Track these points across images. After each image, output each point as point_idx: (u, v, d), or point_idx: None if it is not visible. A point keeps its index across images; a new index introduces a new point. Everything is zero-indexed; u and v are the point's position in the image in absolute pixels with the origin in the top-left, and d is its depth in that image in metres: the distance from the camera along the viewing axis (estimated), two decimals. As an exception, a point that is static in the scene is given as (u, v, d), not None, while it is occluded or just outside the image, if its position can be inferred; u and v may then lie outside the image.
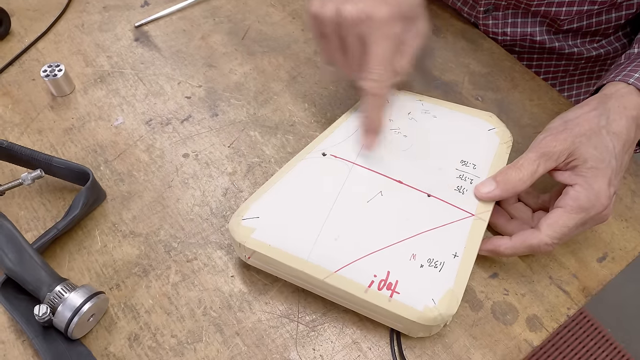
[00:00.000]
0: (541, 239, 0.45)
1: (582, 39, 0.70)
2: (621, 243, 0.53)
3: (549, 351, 1.39)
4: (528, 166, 0.46)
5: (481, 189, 0.48)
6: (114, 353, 0.47)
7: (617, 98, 0.48)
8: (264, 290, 0.50)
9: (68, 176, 0.54)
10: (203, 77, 0.64)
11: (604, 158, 0.45)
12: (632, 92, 0.48)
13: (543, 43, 0.69)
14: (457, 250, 0.46)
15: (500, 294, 0.49)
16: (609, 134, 0.46)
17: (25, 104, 0.62)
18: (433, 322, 0.43)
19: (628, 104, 0.47)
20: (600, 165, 0.45)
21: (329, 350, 0.47)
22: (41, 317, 0.44)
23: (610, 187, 0.45)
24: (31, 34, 0.68)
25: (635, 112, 0.47)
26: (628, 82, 0.48)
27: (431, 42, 0.68)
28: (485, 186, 0.48)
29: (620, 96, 0.48)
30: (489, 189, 0.47)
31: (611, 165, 0.45)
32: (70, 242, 0.52)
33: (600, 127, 0.46)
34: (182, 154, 0.58)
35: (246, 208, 0.48)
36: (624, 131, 0.46)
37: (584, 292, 0.50)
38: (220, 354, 0.46)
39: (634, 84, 0.48)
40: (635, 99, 0.47)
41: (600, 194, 0.44)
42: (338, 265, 0.45)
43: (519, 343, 0.47)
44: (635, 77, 0.48)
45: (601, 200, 0.45)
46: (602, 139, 0.46)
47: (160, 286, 0.50)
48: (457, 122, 0.55)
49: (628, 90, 0.48)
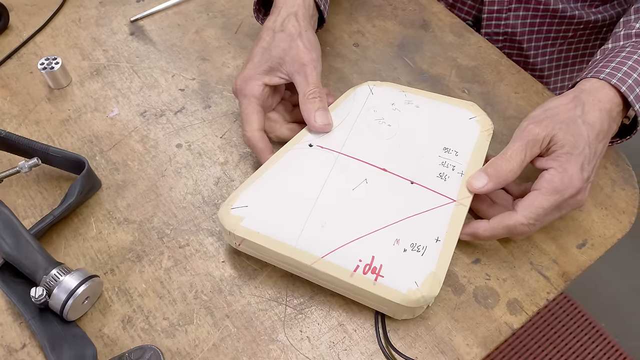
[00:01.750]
0: (517, 219, 0.46)
1: (582, 3, 0.72)
2: (600, 230, 0.54)
3: (543, 346, 1.41)
4: (516, 156, 0.48)
5: (474, 183, 0.49)
6: (108, 334, 0.48)
7: (590, 92, 0.50)
8: (253, 275, 0.51)
9: (64, 165, 0.56)
10: (197, 70, 0.66)
11: (578, 145, 0.47)
12: (605, 87, 0.50)
13: (547, 4, 0.71)
14: (439, 235, 0.47)
15: (482, 279, 0.51)
16: (584, 123, 0.48)
17: (23, 96, 0.64)
18: (416, 304, 0.45)
19: (601, 98, 0.49)
20: (574, 151, 0.47)
21: (316, 332, 0.48)
22: (37, 299, 0.46)
23: (583, 172, 0.47)
24: (29, 28, 0.70)
25: (608, 105, 0.49)
26: (599, 78, 0.50)
27: (420, 36, 0.69)
28: (477, 180, 0.49)
29: (593, 90, 0.50)
30: (482, 183, 0.49)
31: (584, 152, 0.47)
32: (66, 229, 0.54)
33: (577, 116, 0.48)
34: (175, 144, 0.60)
35: (235, 197, 0.50)
36: (598, 122, 0.48)
37: (564, 277, 0.51)
38: (211, 335, 0.48)
39: (605, 79, 0.50)
40: (608, 92, 0.50)
41: (573, 177, 0.46)
42: (325, 251, 0.46)
43: (500, 326, 0.49)
44: (607, 73, 0.50)
45: (574, 182, 0.46)
46: (578, 127, 0.48)
47: (153, 271, 0.51)
48: (439, 112, 0.56)
49: (600, 84, 0.50)
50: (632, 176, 0.58)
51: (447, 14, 0.72)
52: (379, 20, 0.71)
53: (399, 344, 0.48)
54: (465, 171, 0.51)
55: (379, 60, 0.67)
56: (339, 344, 0.48)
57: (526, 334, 1.42)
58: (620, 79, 0.50)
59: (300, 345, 0.48)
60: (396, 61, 0.67)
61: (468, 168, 0.51)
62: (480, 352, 0.47)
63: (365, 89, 0.58)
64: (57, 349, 0.46)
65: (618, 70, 0.50)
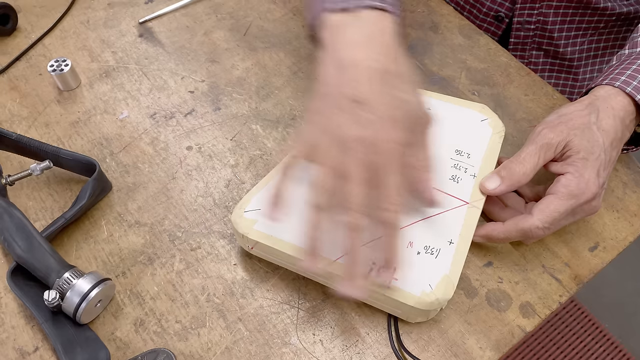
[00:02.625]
0: (532, 223, 0.46)
1: None
2: (612, 233, 0.54)
3: (547, 346, 1.41)
4: (530, 159, 0.48)
5: (487, 185, 0.49)
6: (121, 338, 0.48)
7: (605, 99, 0.50)
8: (265, 278, 0.51)
9: (75, 167, 0.56)
10: (206, 72, 0.66)
11: (594, 151, 0.47)
12: (619, 94, 0.50)
13: None
14: (452, 238, 0.47)
15: (495, 282, 0.51)
16: (599, 130, 0.48)
17: (32, 98, 0.64)
18: (430, 307, 0.45)
19: (615, 105, 0.50)
20: (590, 157, 0.47)
21: (329, 335, 0.48)
22: (50, 302, 0.46)
23: (599, 178, 0.47)
24: (38, 30, 0.70)
25: (622, 112, 0.50)
26: (614, 85, 0.50)
27: (429, 38, 0.69)
28: (490, 182, 0.49)
29: (608, 97, 0.50)
30: (495, 184, 0.49)
31: (600, 158, 0.47)
32: (77, 231, 0.54)
33: (591, 123, 0.48)
34: (185, 146, 0.60)
35: (248, 200, 0.50)
36: (612, 129, 0.49)
37: (576, 280, 0.51)
38: (223, 338, 0.48)
39: (619, 87, 0.50)
40: (622, 100, 0.50)
41: (590, 182, 0.46)
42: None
43: (512, 329, 0.49)
44: (622, 80, 0.50)
45: (590, 188, 0.46)
46: (593, 134, 0.48)
47: (165, 274, 0.51)
48: (451, 114, 0.56)
49: (615, 92, 0.50)
50: (643, 179, 0.58)
51: (456, 15, 0.72)
52: (388, 22, 0.71)
53: (412, 347, 0.48)
54: (478, 174, 0.51)
55: (388, 62, 0.67)
56: (352, 347, 0.48)
57: (530, 334, 1.42)
58: (635, 87, 0.50)
59: (313, 349, 0.47)
60: (405, 63, 0.67)
61: (480, 170, 0.51)
62: (493, 356, 0.47)
63: (377, 91, 0.58)
64: (70, 352, 0.46)
65: (633, 79, 0.50)
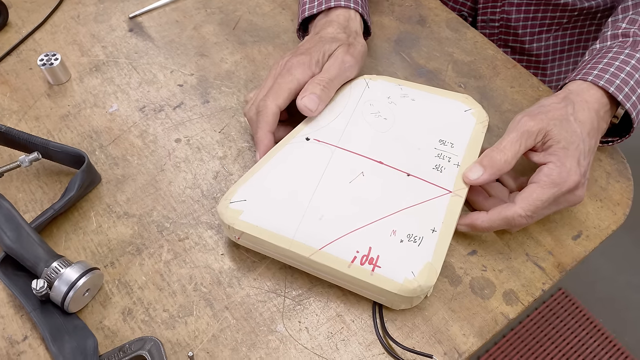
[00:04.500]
0: (515, 211, 0.47)
1: None
2: (595, 222, 0.55)
3: (542, 341, 1.41)
4: (511, 147, 0.49)
5: (469, 175, 0.50)
6: (109, 326, 0.49)
7: (578, 93, 0.52)
8: (252, 267, 0.52)
9: (64, 160, 0.56)
10: (195, 65, 0.67)
11: (573, 140, 0.48)
12: (591, 88, 0.52)
13: None
14: (435, 226, 0.48)
15: (479, 270, 0.52)
16: (576, 121, 0.50)
17: (22, 92, 0.64)
18: (413, 294, 0.46)
19: (589, 99, 0.51)
20: (570, 146, 0.48)
21: (314, 323, 0.49)
22: (39, 291, 0.46)
23: (580, 167, 0.48)
24: (28, 25, 0.70)
25: (596, 105, 0.51)
26: (587, 80, 0.52)
27: (416, 31, 0.70)
28: (473, 172, 0.50)
29: (581, 91, 0.52)
30: (477, 174, 0.49)
31: (580, 148, 0.48)
32: (66, 222, 0.54)
33: (569, 114, 0.50)
34: (174, 139, 0.60)
35: (234, 192, 0.50)
36: (588, 120, 0.50)
37: (559, 268, 0.52)
38: (210, 326, 0.49)
39: (592, 81, 0.52)
40: (595, 93, 0.52)
41: (572, 171, 0.47)
42: (322, 243, 0.47)
43: (496, 316, 0.49)
44: (594, 75, 0.52)
45: (572, 177, 0.47)
46: (570, 125, 0.49)
47: (153, 264, 0.52)
48: (435, 104, 0.57)
49: (587, 86, 0.52)
50: (627, 168, 0.58)
51: (444, 9, 0.72)
52: (376, 16, 0.72)
53: (397, 334, 0.48)
54: (461, 163, 0.52)
55: (376, 56, 0.68)
56: (337, 334, 0.48)
57: (524, 329, 1.43)
58: (608, 80, 0.52)
59: (298, 336, 0.48)
60: (393, 56, 0.68)
61: (464, 160, 0.52)
62: (477, 342, 0.48)
63: (361, 82, 0.59)
64: (59, 341, 0.46)
65: (605, 72, 0.52)
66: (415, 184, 0.50)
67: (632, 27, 0.55)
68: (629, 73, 0.52)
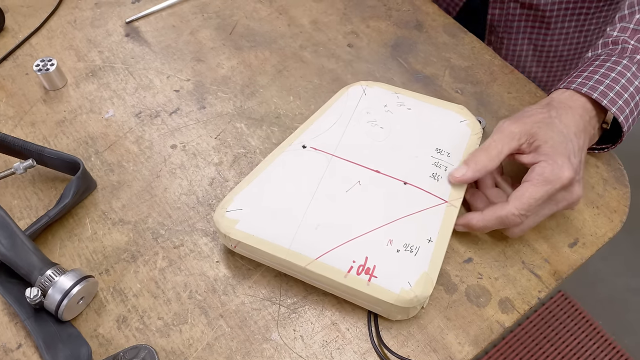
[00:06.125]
0: (509, 210, 0.47)
1: None
2: (592, 229, 0.55)
3: (541, 343, 1.41)
4: (494, 146, 0.50)
5: (454, 173, 0.51)
6: (103, 334, 0.49)
7: (562, 100, 0.53)
8: (247, 275, 0.52)
9: (59, 166, 0.56)
10: (191, 71, 0.66)
11: (561, 140, 0.49)
12: (575, 95, 0.53)
13: None
14: (431, 236, 0.48)
15: (475, 278, 0.51)
16: (561, 123, 0.50)
17: (19, 97, 0.64)
18: (409, 304, 0.45)
19: (572, 104, 0.52)
20: (559, 145, 0.49)
21: (309, 331, 0.49)
22: (32, 299, 0.46)
23: (572, 164, 0.48)
24: (25, 30, 0.70)
25: (580, 110, 0.52)
26: (570, 88, 0.53)
27: (414, 36, 0.70)
28: (457, 170, 0.50)
29: (565, 99, 0.53)
30: (461, 172, 0.50)
31: (568, 147, 0.49)
32: (61, 229, 0.54)
33: (552, 117, 0.51)
34: (170, 145, 0.60)
35: (230, 200, 0.50)
36: (572, 123, 0.51)
37: (555, 275, 0.52)
38: (205, 334, 0.48)
39: (575, 88, 0.53)
40: (579, 99, 0.52)
41: (564, 167, 0.47)
42: (319, 253, 0.47)
43: (491, 324, 0.49)
44: (578, 82, 0.53)
45: (565, 172, 0.47)
46: (555, 126, 0.50)
47: (148, 271, 0.52)
48: (431, 114, 0.57)
49: (570, 93, 0.53)
50: (624, 175, 0.58)
51: (441, 14, 0.72)
52: (373, 20, 0.72)
53: (392, 343, 0.48)
54: (457, 172, 0.52)
55: (373, 61, 0.67)
56: (332, 342, 0.48)
57: (524, 331, 1.42)
58: (591, 86, 0.52)
59: (293, 344, 0.48)
60: (390, 62, 0.67)
61: (460, 169, 0.52)
62: (472, 351, 0.48)
63: (358, 89, 0.59)
64: (52, 349, 0.46)
65: (589, 79, 0.53)
66: (412, 192, 0.50)
67: (623, 35, 0.55)
68: (614, 79, 0.52)
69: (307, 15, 0.72)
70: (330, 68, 0.67)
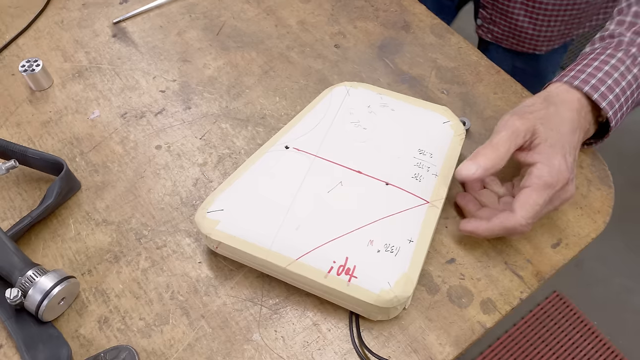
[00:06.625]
0: (517, 221, 0.47)
1: None
2: (575, 230, 0.54)
3: (536, 344, 1.41)
4: (503, 144, 0.48)
5: (463, 171, 0.48)
6: (84, 335, 0.49)
7: (558, 94, 0.52)
8: (229, 276, 0.52)
9: (43, 167, 0.56)
10: (178, 71, 0.66)
11: (559, 138, 0.49)
12: (570, 89, 0.52)
13: None
14: (412, 236, 0.48)
15: (457, 279, 0.51)
16: (559, 119, 0.50)
17: (4, 98, 0.64)
18: (389, 304, 0.45)
19: (568, 99, 0.52)
20: (556, 144, 0.49)
21: (290, 332, 0.49)
22: (12, 299, 0.46)
23: (567, 163, 0.48)
24: (12, 30, 0.70)
25: (576, 104, 0.51)
26: (563, 81, 0.53)
27: (400, 37, 0.70)
28: (467, 168, 0.48)
29: (560, 92, 0.52)
30: (471, 170, 0.48)
31: (564, 146, 0.49)
32: (44, 230, 0.54)
33: (552, 113, 0.50)
34: (154, 145, 0.60)
35: (211, 201, 0.50)
36: (569, 119, 0.50)
37: (537, 276, 0.52)
38: (186, 335, 0.48)
39: (567, 82, 0.53)
40: (574, 94, 0.52)
41: (561, 168, 0.48)
42: (299, 253, 0.47)
43: (473, 325, 0.49)
44: (570, 76, 0.53)
45: (563, 174, 0.48)
46: (555, 123, 0.50)
47: (131, 272, 0.52)
48: (414, 115, 0.57)
49: (565, 87, 0.52)
50: (608, 176, 0.58)
51: (429, 14, 0.72)
52: (361, 21, 0.72)
53: (373, 344, 0.48)
54: (439, 173, 0.52)
55: (360, 62, 0.67)
56: (313, 343, 0.48)
57: (518, 332, 1.42)
58: (583, 80, 0.52)
59: (274, 345, 0.48)
60: (376, 62, 0.67)
61: (442, 170, 0.52)
62: (453, 351, 0.48)
63: (342, 90, 0.59)
64: (32, 350, 0.46)
65: (582, 72, 0.52)
66: (394, 193, 0.50)
67: (619, 28, 0.55)
68: (607, 72, 0.52)
69: (294, 15, 0.72)
70: (316, 69, 0.67)
